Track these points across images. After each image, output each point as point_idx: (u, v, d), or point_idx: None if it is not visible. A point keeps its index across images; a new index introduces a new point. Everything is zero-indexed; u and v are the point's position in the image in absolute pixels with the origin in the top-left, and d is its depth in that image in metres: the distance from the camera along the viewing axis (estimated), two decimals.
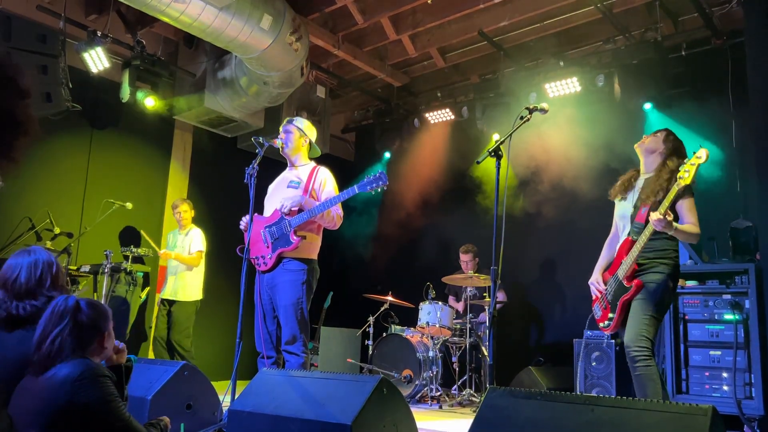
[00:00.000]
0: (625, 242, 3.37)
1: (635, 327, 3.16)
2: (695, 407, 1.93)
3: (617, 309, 3.33)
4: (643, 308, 3.20)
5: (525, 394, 2.31)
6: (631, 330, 3.18)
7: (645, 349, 3.10)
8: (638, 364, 3.09)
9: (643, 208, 3.30)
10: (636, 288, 3.23)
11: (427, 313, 6.01)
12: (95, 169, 6.52)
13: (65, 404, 2.02)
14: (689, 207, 3.28)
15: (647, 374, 3.07)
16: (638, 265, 3.28)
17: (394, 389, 2.74)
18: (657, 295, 3.20)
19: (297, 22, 5.79)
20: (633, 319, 3.20)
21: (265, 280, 3.90)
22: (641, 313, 3.19)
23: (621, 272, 3.32)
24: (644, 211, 3.27)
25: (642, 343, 3.11)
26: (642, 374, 3.08)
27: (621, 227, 3.52)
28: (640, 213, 3.32)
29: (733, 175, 5.66)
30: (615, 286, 3.37)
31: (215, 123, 7.10)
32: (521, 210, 6.93)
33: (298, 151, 4.12)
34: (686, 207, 3.28)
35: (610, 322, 3.39)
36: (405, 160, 8.05)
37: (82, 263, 5.78)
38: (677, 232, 3.14)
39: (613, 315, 3.36)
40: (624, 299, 3.28)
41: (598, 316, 3.52)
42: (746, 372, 4.51)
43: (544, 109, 3.30)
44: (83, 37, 5.77)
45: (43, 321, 2.15)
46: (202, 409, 3.36)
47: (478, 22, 6.33)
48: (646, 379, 3.07)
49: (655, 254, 3.28)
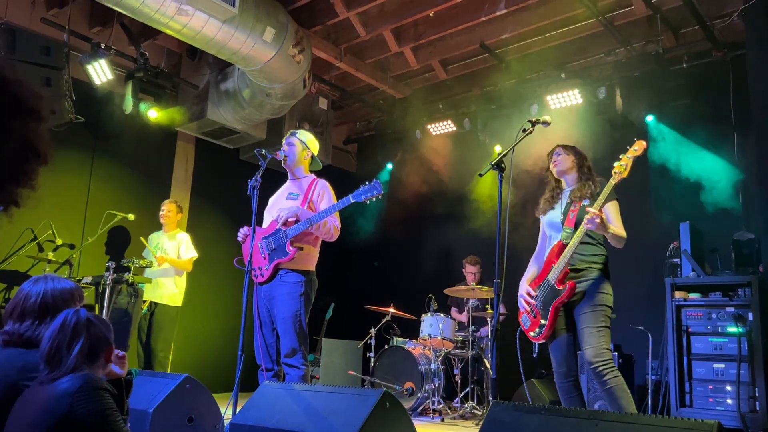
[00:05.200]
0: (555, 247, 3.33)
1: (592, 342, 3.14)
2: (700, 423, 1.92)
3: (549, 314, 3.27)
4: (591, 321, 3.18)
5: (528, 409, 2.30)
6: (589, 347, 3.15)
7: (608, 362, 3.11)
8: (607, 377, 3.08)
9: (571, 213, 3.32)
10: (570, 290, 3.19)
11: (429, 325, 5.99)
12: (97, 180, 6.53)
13: (64, 417, 2.01)
14: (615, 211, 3.33)
15: (617, 386, 3.07)
16: (571, 270, 3.25)
17: (396, 403, 2.73)
18: (600, 303, 3.20)
19: (300, 35, 5.83)
20: (586, 334, 3.17)
21: (263, 291, 3.89)
22: (592, 327, 3.17)
23: (552, 276, 3.26)
24: (573, 216, 3.30)
25: (605, 356, 3.11)
26: (613, 386, 3.07)
27: (548, 237, 3.53)
28: (568, 218, 3.33)
29: (735, 187, 5.65)
30: (546, 291, 3.31)
31: (218, 134, 7.12)
32: (523, 222, 6.92)
33: (300, 163, 4.13)
34: (612, 211, 3.31)
35: (541, 329, 3.32)
36: (407, 172, 8.06)
37: (83, 275, 5.77)
38: (608, 233, 3.17)
39: (545, 321, 3.29)
40: (556, 303, 3.23)
41: (527, 326, 3.44)
42: (750, 385, 4.48)
43: (547, 121, 3.31)
44: (87, 50, 5.80)
45: (53, 334, 2.14)
46: (204, 422, 3.34)
47: (480, 35, 6.37)
48: (618, 390, 3.06)
49: (591, 258, 3.30)
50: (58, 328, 2.14)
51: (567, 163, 3.53)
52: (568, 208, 3.40)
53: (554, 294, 3.24)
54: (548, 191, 3.63)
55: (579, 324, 3.23)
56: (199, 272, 6.15)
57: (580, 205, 3.31)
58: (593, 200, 3.22)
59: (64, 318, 2.16)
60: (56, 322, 2.16)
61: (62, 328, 2.14)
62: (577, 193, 3.41)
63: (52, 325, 2.16)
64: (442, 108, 7.83)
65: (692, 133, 5.91)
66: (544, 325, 3.29)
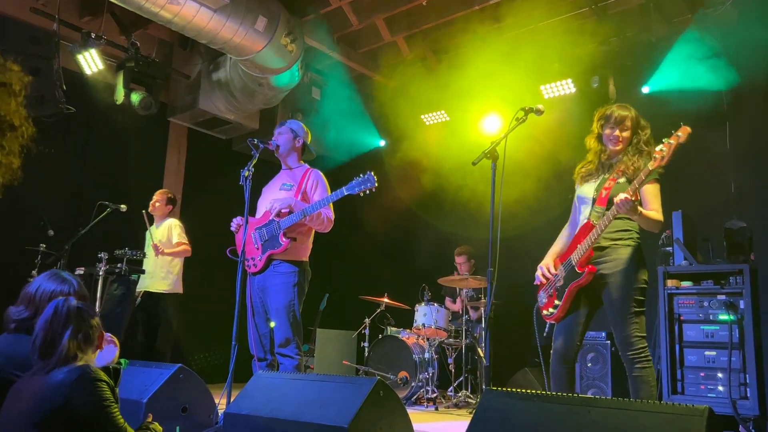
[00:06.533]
0: (584, 226, 3.16)
1: (624, 330, 3.01)
2: (691, 408, 1.93)
3: (564, 296, 3.14)
4: (620, 308, 3.03)
5: (521, 396, 2.31)
6: (620, 334, 3.03)
7: (641, 351, 2.99)
8: (636, 365, 2.99)
9: (604, 191, 3.13)
10: (588, 275, 3.05)
11: (422, 314, 6.01)
12: (89, 171, 6.49)
13: (60, 407, 2.01)
14: (654, 193, 3.11)
15: (643, 376, 2.99)
16: (594, 251, 3.10)
17: (390, 391, 2.74)
18: (630, 287, 3.03)
19: (292, 24, 5.79)
20: (616, 322, 3.04)
21: (256, 282, 3.89)
22: (623, 313, 3.02)
23: (575, 257, 3.12)
24: (605, 194, 3.10)
25: (637, 345, 2.99)
26: (639, 376, 2.99)
27: (579, 209, 3.33)
28: (600, 196, 3.14)
29: (728, 175, 5.67)
30: (566, 271, 3.18)
31: (210, 125, 7.09)
32: (517, 210, 6.93)
33: (292, 152, 4.12)
34: (651, 193, 3.10)
35: (554, 309, 3.19)
36: (401, 162, 8.04)
37: (76, 266, 5.75)
38: (641, 217, 2.98)
39: (559, 302, 3.16)
40: (573, 286, 3.10)
41: (542, 304, 3.31)
42: (741, 372, 4.52)
43: (540, 110, 3.28)
44: (77, 39, 5.75)
45: (45, 323, 2.14)
46: (198, 412, 3.34)
47: (473, 24, 6.34)
48: (642, 381, 2.99)
49: (617, 235, 3.11)
50: (49, 317, 2.15)
51: (627, 141, 3.20)
52: (602, 183, 3.17)
53: (573, 276, 3.11)
54: (592, 155, 3.34)
55: (608, 309, 3.09)
56: (191, 262, 6.12)
57: (615, 183, 3.10)
58: (633, 178, 2.98)
59: (55, 307, 2.16)
60: (47, 311, 2.16)
61: (54, 316, 2.14)
62: (620, 166, 3.15)
63: (43, 315, 2.16)
64: (436, 98, 7.80)
65: (685, 122, 5.90)
66: (557, 306, 3.17)
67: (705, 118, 5.88)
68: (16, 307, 2.40)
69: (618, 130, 3.21)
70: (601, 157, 3.30)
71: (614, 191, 3.06)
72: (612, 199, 3.01)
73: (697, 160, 5.98)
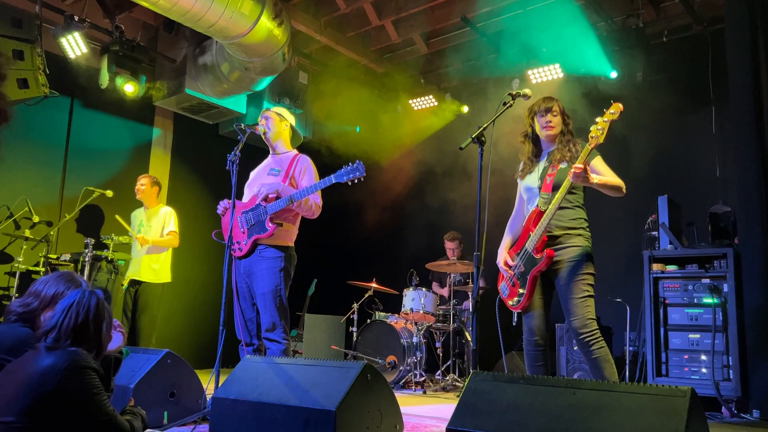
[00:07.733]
0: (532, 213, 3.25)
1: (578, 313, 3.09)
2: (675, 389, 1.96)
3: (527, 283, 3.21)
4: (574, 291, 3.11)
5: (508, 378, 2.33)
6: (574, 318, 3.10)
7: (594, 332, 3.07)
8: (593, 347, 3.05)
9: (548, 178, 3.23)
10: (547, 259, 3.13)
11: (411, 299, 6.03)
12: (74, 156, 6.42)
13: (48, 393, 2.01)
14: (603, 163, 3.25)
15: (602, 356, 3.05)
16: (548, 237, 3.19)
17: (378, 375, 2.75)
18: (582, 271, 3.13)
19: (279, 7, 5.73)
20: (570, 305, 3.12)
21: (242, 266, 3.88)
22: (576, 298, 3.11)
23: (530, 244, 3.20)
24: (550, 181, 3.21)
25: (590, 326, 3.07)
26: (598, 357, 3.04)
27: (527, 200, 3.41)
28: (545, 183, 3.23)
29: (713, 160, 5.72)
30: (524, 259, 3.25)
31: (196, 109, 7.03)
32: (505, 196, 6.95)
33: (279, 136, 4.09)
34: (598, 164, 3.24)
35: (519, 298, 3.26)
36: (389, 147, 8.03)
37: (62, 252, 5.71)
38: (598, 184, 3.10)
39: (524, 290, 3.23)
40: (535, 272, 3.18)
41: (505, 295, 3.39)
42: (724, 354, 4.59)
43: (527, 95, 3.29)
44: (60, 22, 5.66)
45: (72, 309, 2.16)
46: (186, 397, 3.34)
47: (461, 8, 6.31)
48: (602, 361, 3.04)
49: (569, 224, 3.21)
50: (76, 303, 2.17)
51: (559, 126, 3.35)
52: (545, 172, 3.29)
53: (532, 263, 3.20)
54: (527, 152, 3.47)
55: (561, 295, 3.18)
56: (179, 247, 6.10)
57: (558, 168, 3.22)
58: (572, 163, 3.10)
59: (80, 296, 2.20)
60: (71, 298, 2.17)
61: (78, 304, 2.17)
62: (556, 155, 3.29)
63: (67, 300, 2.17)
64: (424, 82, 7.79)
65: (671, 107, 5.94)
66: (522, 294, 3.25)
67: (691, 102, 5.93)
68: (21, 300, 2.38)
69: (549, 115, 3.35)
70: (534, 152, 3.46)
71: (558, 176, 3.18)
72: (557, 185, 3.15)
73: (682, 144, 6.03)
